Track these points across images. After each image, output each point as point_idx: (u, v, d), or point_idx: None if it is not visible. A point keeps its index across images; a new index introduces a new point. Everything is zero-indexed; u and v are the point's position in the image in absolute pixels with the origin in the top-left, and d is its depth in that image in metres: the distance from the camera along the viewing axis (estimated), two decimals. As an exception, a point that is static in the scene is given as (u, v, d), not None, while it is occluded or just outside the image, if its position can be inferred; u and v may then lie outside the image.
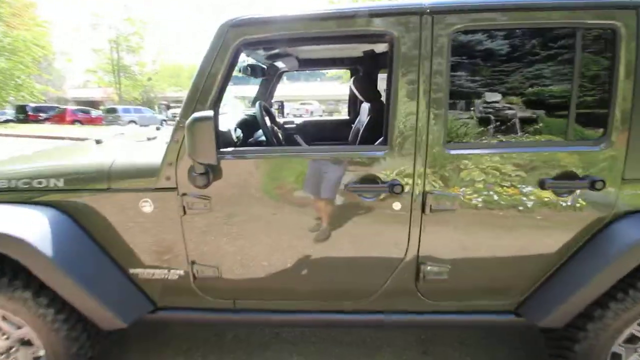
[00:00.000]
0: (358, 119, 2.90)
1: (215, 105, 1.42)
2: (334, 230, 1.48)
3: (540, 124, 1.43)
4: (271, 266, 1.54)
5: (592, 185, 1.36)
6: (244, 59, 2.54)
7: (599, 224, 1.42)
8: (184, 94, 1.46)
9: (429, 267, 1.49)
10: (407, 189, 1.41)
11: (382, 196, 1.43)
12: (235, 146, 1.60)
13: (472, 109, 1.44)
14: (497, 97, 1.42)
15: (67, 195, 1.50)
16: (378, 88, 2.86)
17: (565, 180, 1.39)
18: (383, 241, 1.49)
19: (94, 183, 1.49)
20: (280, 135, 2.19)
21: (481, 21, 1.35)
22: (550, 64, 1.38)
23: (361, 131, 2.51)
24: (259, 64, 2.66)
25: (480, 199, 1.42)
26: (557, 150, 1.40)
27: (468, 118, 1.44)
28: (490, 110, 1.43)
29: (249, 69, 2.52)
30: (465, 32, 1.37)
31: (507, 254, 1.48)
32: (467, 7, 1.34)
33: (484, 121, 1.44)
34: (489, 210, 1.42)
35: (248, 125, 2.16)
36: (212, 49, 1.39)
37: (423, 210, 1.43)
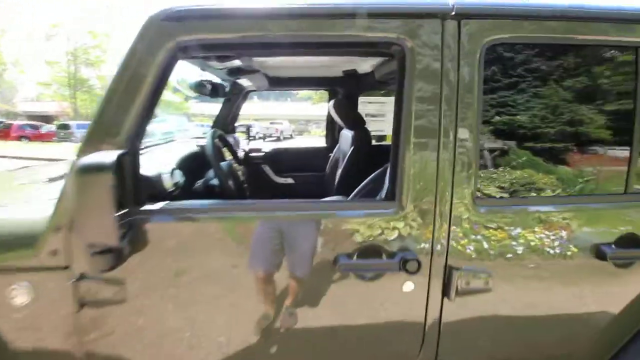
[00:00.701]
0: (337, 146, 2.49)
1: (134, 140, 0.92)
2: (312, 326, 1.01)
3: (597, 170, 1.08)
4: None
5: None
6: (201, 74, 2.05)
7: None
8: None
9: None
10: (424, 264, 0.97)
11: (387, 274, 0.98)
12: (169, 197, 1.09)
13: (511, 151, 1.04)
14: (541, 135, 1.04)
15: None
16: (360, 112, 2.50)
17: (630, 248, 1.02)
18: (383, 339, 1.04)
19: None
20: (240, 176, 1.67)
21: (524, 32, 0.97)
22: (603, 94, 1.05)
23: (343, 163, 2.11)
24: (218, 80, 2.17)
25: (524, 276, 1.01)
26: (617, 206, 1.05)
27: (506, 163, 1.04)
28: (535, 153, 1.04)
29: (205, 86, 2.01)
30: (504, 46, 0.98)
31: (555, 348, 1.08)
32: (506, 12, 0.96)
33: (526, 167, 1.04)
34: (535, 291, 1.03)
35: (199, 160, 1.63)
36: (132, 53, 0.91)
37: (445, 293, 0.99)
